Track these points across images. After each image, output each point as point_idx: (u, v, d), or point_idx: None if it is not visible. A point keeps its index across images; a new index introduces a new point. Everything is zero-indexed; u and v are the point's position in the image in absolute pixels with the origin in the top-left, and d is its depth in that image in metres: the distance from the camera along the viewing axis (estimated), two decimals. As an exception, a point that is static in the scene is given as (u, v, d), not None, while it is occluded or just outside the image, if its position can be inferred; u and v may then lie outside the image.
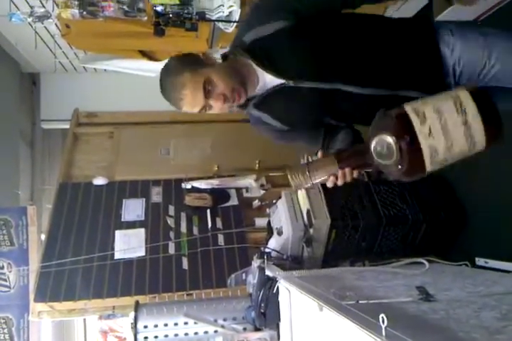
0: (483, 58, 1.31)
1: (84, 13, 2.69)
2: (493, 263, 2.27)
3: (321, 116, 1.43)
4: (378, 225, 2.75)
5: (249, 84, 1.36)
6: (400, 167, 1.05)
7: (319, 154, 1.23)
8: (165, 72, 1.37)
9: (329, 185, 1.20)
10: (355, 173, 1.18)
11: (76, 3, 2.60)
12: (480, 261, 2.36)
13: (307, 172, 1.15)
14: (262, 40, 1.32)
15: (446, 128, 1.02)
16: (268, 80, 1.36)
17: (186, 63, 1.34)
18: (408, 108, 1.05)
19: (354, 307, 1.14)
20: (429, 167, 1.05)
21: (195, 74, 1.30)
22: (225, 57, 1.42)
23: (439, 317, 1.14)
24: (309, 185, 1.17)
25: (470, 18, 2.61)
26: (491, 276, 1.83)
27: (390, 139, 1.04)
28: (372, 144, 1.09)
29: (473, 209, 2.70)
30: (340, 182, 1.18)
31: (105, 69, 3.83)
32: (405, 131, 1.02)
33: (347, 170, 1.16)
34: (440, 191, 2.91)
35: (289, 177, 1.17)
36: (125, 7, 2.72)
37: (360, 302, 1.27)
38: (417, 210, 2.77)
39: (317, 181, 1.18)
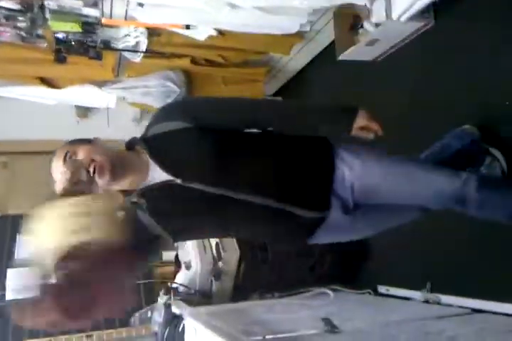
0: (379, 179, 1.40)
1: (-22, 38, 2.52)
2: (393, 290, 2.36)
3: (202, 222, 1.38)
4: (287, 256, 2.77)
5: (136, 174, 1.32)
6: None
7: None
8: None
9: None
10: None
11: (-33, 26, 2.43)
12: (382, 288, 2.45)
13: None
14: (161, 136, 1.35)
15: None
16: (157, 175, 1.33)
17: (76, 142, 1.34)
18: None
19: (260, 344, 1.12)
20: None
21: (67, 147, 1.30)
22: (129, 145, 1.40)
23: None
24: None
25: (369, 58, 2.80)
26: (390, 304, 1.90)
27: None
28: None
29: (375, 238, 2.82)
30: None
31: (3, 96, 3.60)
32: None
33: None
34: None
35: None
36: (23, 33, 2.59)
37: (267, 337, 1.25)
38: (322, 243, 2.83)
39: None
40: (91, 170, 1.23)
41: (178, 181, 1.29)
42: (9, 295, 3.10)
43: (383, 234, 1.47)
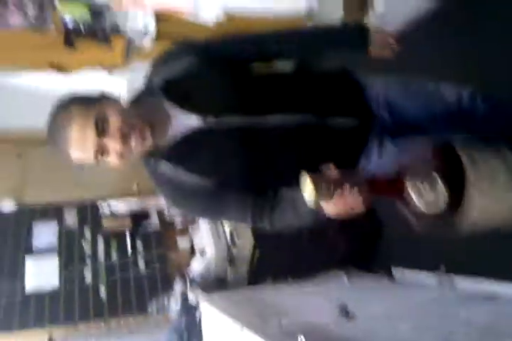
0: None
1: (-15, 24, 2.52)
2: (407, 272, 2.33)
3: (249, 163, 1.19)
4: (300, 241, 2.76)
5: (158, 125, 1.15)
6: (440, 209, 0.99)
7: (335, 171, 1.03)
8: (52, 112, 1.12)
9: (340, 213, 1.04)
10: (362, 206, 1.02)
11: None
12: (396, 270, 2.43)
13: (331, 187, 0.97)
14: (175, 78, 1.19)
15: (494, 185, 0.98)
16: (183, 122, 1.17)
17: (78, 99, 1.13)
18: (463, 153, 1.00)
19: (276, 328, 1.11)
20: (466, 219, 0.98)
21: (86, 108, 1.09)
22: (134, 100, 1.22)
23: (361, 335, 1.12)
24: (325, 200, 0.99)
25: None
26: (404, 287, 1.88)
27: (439, 179, 0.99)
28: (415, 180, 1.02)
29: (388, 219, 2.79)
30: (354, 212, 1.03)
31: (14, 86, 3.61)
32: (456, 174, 0.97)
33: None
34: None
35: (309, 186, 0.96)
36: (31, 19, 2.58)
37: (282, 322, 1.24)
38: (335, 224, 2.81)
39: (334, 200, 1.00)
40: (135, 137, 1.08)
41: (210, 119, 1.14)
42: (28, 283, 3.18)
43: (394, 213, 1.40)
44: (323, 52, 1.29)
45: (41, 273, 3.23)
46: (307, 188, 0.96)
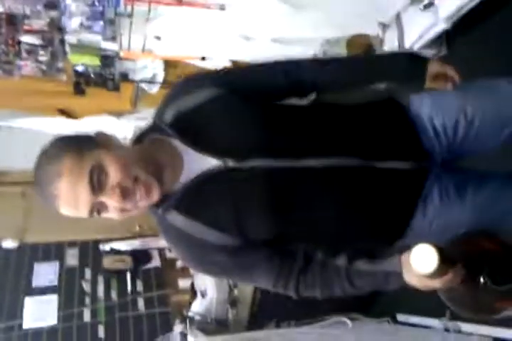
0: (458, 108, 1.08)
1: (0, 71, 2.62)
2: (412, 318, 2.32)
3: (278, 215, 0.98)
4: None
5: (167, 172, 0.97)
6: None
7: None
8: (40, 158, 0.94)
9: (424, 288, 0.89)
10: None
11: (-9, 61, 2.53)
12: (401, 316, 2.41)
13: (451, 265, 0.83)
14: (189, 112, 1.01)
15: None
16: (197, 165, 0.97)
17: (72, 144, 0.93)
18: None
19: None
20: None
21: (79, 159, 0.90)
22: (137, 140, 1.04)
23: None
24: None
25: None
26: (409, 333, 1.88)
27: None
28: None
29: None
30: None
31: (21, 127, 3.69)
32: None
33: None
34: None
35: (431, 260, 0.80)
36: (43, 66, 2.68)
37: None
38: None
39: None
40: (139, 193, 0.91)
41: (230, 163, 0.95)
42: (26, 324, 3.14)
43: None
44: (373, 81, 1.07)
45: (40, 312, 3.21)
46: (424, 260, 0.81)
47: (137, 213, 0.97)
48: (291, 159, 0.97)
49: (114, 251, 3.53)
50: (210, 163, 0.97)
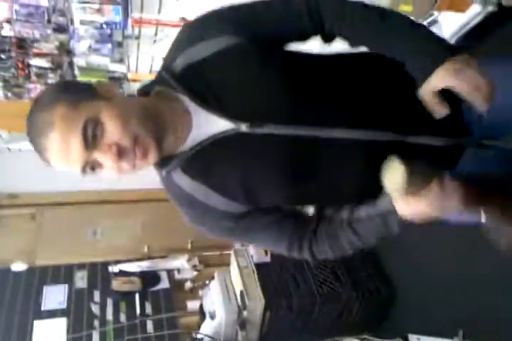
0: None
1: (9, 94, 2.66)
2: (424, 339, 2.26)
3: (295, 185, 0.90)
4: (313, 303, 2.71)
5: (171, 132, 0.87)
6: None
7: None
8: (33, 104, 0.85)
9: (414, 216, 0.84)
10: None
11: (0, 84, 2.58)
12: (413, 337, 2.35)
13: (424, 181, 0.80)
14: (202, 63, 0.88)
15: None
16: (208, 126, 0.87)
17: (69, 92, 0.84)
18: None
19: None
20: None
21: (74, 108, 0.81)
22: (143, 92, 0.94)
23: None
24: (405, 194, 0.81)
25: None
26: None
27: None
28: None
29: (402, 284, 2.74)
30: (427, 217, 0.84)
31: (30, 150, 3.73)
32: None
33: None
34: (370, 266, 2.95)
35: (398, 174, 0.79)
36: (53, 89, 2.73)
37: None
38: (349, 287, 2.77)
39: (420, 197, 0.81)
40: (137, 154, 0.82)
41: (245, 128, 0.84)
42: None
43: (408, 278, 1.39)
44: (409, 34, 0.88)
45: (49, 335, 3.18)
46: (394, 176, 0.79)
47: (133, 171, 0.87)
48: (315, 128, 0.85)
49: (122, 273, 3.52)
50: (222, 125, 0.86)
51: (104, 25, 2.50)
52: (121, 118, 0.82)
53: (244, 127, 0.84)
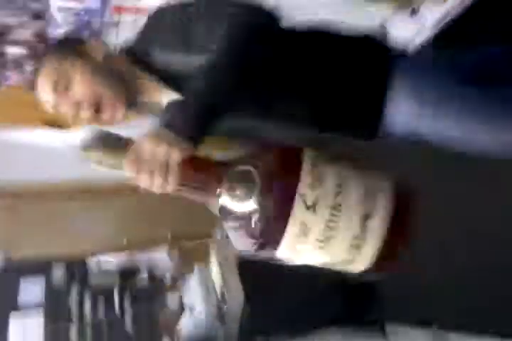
0: None
1: (-16, 82, 2.60)
2: (402, 329, 2.29)
3: None
4: (293, 297, 2.71)
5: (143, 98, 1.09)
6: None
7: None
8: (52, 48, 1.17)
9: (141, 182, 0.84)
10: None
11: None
12: (390, 326, 2.37)
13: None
14: (180, 75, 1.01)
15: (337, 208, 0.74)
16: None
17: (61, 47, 1.10)
18: (307, 159, 0.76)
19: None
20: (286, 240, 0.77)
21: (56, 63, 1.03)
22: (130, 53, 1.09)
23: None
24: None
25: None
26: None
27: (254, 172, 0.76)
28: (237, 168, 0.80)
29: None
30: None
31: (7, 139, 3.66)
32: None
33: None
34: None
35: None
36: (28, 76, 2.67)
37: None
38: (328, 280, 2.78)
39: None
40: (104, 111, 1.01)
41: None
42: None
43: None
44: None
45: (25, 331, 3.14)
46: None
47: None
48: None
49: (101, 267, 3.48)
50: None
51: (82, 12, 2.45)
52: (90, 78, 1.00)
53: None
